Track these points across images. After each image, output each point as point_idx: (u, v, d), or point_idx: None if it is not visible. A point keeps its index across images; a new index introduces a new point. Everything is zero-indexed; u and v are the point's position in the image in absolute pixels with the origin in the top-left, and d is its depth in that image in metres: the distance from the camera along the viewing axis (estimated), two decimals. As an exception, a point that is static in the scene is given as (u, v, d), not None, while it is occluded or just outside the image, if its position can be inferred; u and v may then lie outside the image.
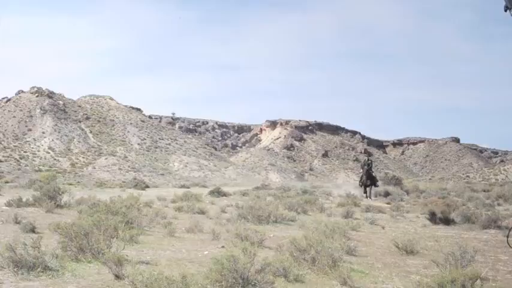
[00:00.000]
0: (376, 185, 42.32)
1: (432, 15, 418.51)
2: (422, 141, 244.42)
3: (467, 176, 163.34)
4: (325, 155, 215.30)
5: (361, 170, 43.55)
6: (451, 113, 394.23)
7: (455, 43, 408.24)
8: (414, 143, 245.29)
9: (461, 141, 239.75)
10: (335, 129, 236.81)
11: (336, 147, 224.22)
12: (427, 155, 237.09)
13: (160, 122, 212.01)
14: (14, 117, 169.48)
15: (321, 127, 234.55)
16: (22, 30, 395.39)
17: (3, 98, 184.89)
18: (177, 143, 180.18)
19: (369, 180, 41.34)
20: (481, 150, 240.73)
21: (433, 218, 22.29)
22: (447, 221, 21.85)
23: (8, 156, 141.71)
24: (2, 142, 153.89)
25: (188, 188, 53.89)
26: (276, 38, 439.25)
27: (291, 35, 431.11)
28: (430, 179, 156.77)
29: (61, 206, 22.37)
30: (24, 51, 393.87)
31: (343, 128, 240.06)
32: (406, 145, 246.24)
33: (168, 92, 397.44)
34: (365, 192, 41.11)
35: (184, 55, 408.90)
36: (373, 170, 44.00)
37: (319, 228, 14.83)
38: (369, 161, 44.02)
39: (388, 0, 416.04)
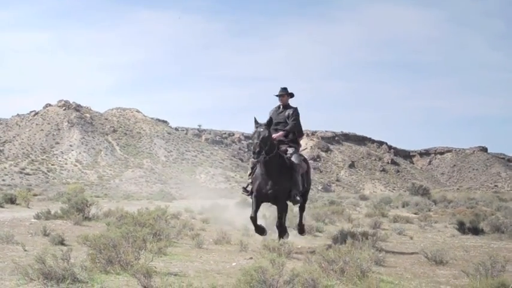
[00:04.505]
0: (296, 200, 15.64)
1: (458, 24, 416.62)
2: (449, 150, 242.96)
3: (496, 186, 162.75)
4: (352, 165, 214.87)
5: (252, 154, 14.97)
6: (478, 122, 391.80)
7: (482, 51, 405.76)
8: (441, 153, 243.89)
9: (489, 151, 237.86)
10: (361, 140, 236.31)
11: (362, 157, 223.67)
12: (455, 165, 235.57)
13: (186, 134, 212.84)
14: (42, 130, 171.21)
15: (347, 137, 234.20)
16: (49, 44, 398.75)
17: (31, 112, 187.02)
18: (203, 155, 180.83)
19: (269, 183, 15.05)
20: (510, 159, 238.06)
21: (461, 227, 22.13)
22: (476, 231, 21.68)
23: (36, 169, 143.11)
24: (30, 155, 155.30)
25: (215, 199, 53.99)
26: (302, 49, 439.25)
27: (317, 45, 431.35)
28: (457, 188, 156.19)
29: (89, 219, 22.52)
30: (51, 65, 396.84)
31: (370, 138, 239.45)
32: (433, 155, 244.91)
33: (194, 103, 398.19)
34: (254, 223, 15.67)
35: (210, 67, 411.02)
36: (295, 149, 16.05)
37: (347, 238, 14.78)
38: (285, 113, 16.23)
39: (415, 10, 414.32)
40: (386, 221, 26.38)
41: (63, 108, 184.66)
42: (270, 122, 15.10)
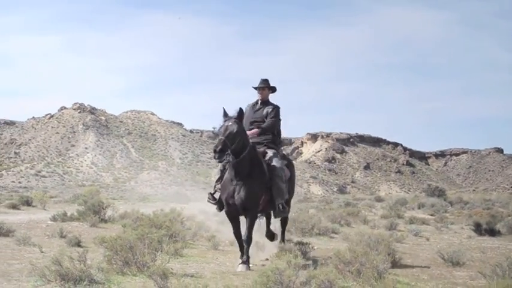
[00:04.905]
0: (282, 210, 12.71)
1: (470, 25, 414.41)
2: (465, 152, 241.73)
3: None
4: (367, 167, 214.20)
5: (213, 153, 11.66)
6: (493, 123, 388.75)
7: (495, 52, 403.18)
8: (457, 154, 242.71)
9: (504, 152, 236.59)
10: (376, 141, 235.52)
11: (377, 159, 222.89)
12: (470, 166, 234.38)
13: (201, 136, 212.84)
14: (57, 133, 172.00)
15: (362, 139, 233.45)
16: (63, 47, 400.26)
17: (47, 115, 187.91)
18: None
19: (240, 190, 12.00)
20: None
21: (478, 229, 22.10)
22: (493, 232, 21.63)
23: (52, 172, 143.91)
24: (46, 158, 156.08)
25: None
26: (315, 51, 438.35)
27: (329, 47, 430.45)
28: (473, 190, 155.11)
29: (105, 220, 22.61)
30: (66, 67, 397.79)
31: (385, 139, 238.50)
32: (448, 156, 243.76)
33: (209, 106, 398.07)
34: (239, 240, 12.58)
35: (224, 69, 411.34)
36: (276, 151, 13.01)
37: (363, 240, 14.73)
38: (263, 111, 13.19)
39: (427, 11, 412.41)
40: (402, 223, 26.33)
41: (78, 111, 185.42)
42: (240, 115, 11.94)
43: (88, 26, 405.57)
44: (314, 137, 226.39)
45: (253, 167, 11.97)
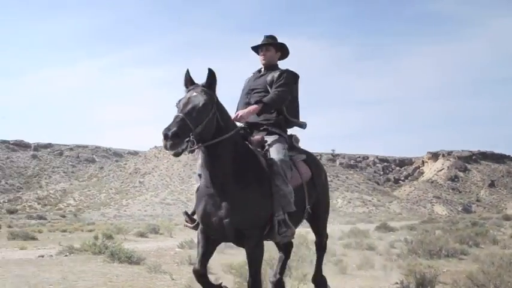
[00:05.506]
0: (284, 231, 7.10)
1: None
2: None
3: None
4: (492, 184, 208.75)
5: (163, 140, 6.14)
6: None
7: None
8: None
9: None
10: (500, 158, 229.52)
11: (502, 176, 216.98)
12: None
13: (320, 159, 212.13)
14: (179, 161, 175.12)
15: (484, 156, 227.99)
16: (181, 76, 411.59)
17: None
18: (339, 180, 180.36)
19: (222, 204, 6.94)
20: None
21: None
22: None
23: (176, 200, 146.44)
24: (170, 186, 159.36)
25: (354, 224, 53.64)
26: (433, 69, 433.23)
27: (446, 64, 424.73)
28: None
29: (231, 246, 22.79)
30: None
31: (508, 155, 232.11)
32: None
33: (327, 128, 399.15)
34: (202, 282, 7.54)
35: (341, 91, 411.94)
36: (279, 137, 7.79)
37: (494, 261, 14.34)
38: (267, 77, 8.16)
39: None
40: (533, 241, 25.48)
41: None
42: (211, 80, 6.96)
43: (204, 54, 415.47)
44: (435, 156, 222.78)
45: (244, 164, 7.14)
